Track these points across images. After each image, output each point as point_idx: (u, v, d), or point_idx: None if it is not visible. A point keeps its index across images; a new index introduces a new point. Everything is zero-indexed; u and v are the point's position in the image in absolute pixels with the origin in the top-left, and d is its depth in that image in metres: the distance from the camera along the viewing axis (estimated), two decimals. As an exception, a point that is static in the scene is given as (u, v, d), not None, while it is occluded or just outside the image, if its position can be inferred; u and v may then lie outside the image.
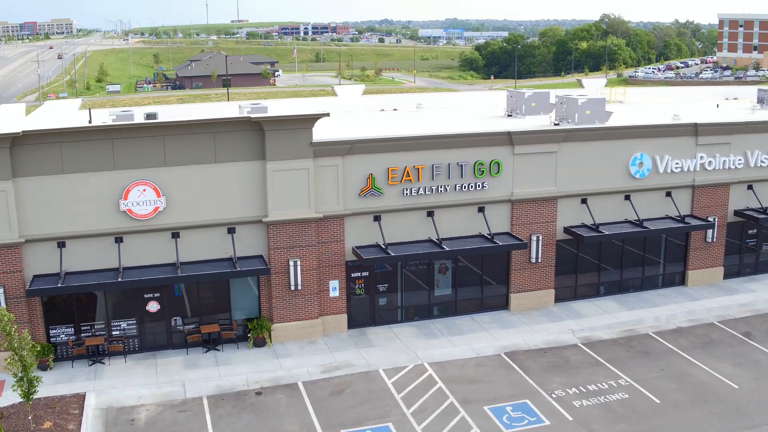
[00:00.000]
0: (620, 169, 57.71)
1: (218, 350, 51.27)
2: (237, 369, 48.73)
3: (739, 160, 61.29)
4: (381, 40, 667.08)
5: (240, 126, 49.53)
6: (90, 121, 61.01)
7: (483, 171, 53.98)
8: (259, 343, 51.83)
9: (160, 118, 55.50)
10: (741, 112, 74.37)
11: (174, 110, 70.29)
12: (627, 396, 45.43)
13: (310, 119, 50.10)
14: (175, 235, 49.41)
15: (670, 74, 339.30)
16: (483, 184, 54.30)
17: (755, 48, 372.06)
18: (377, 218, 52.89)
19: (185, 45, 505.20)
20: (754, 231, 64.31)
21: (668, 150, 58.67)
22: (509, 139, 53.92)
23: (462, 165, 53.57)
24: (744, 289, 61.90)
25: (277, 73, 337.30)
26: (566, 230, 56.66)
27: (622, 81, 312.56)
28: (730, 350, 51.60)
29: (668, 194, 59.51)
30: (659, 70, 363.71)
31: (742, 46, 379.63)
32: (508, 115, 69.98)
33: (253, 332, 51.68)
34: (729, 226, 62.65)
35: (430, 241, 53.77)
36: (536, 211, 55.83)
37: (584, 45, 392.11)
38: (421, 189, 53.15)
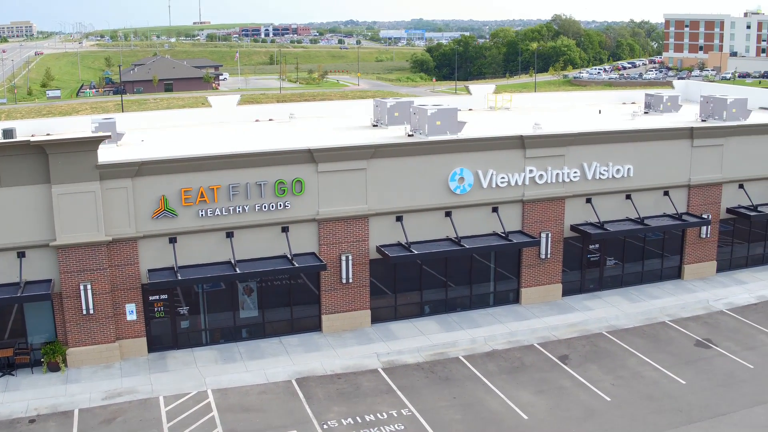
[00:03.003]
0: (439, 184, 55.51)
1: (13, 375, 49.18)
2: (22, 395, 46.61)
3: (575, 172, 58.94)
4: (341, 42, 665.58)
5: (22, 150, 47.48)
6: None
7: (284, 190, 51.68)
8: (54, 367, 49.66)
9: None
10: (620, 119, 73.81)
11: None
12: (402, 427, 43.46)
13: (93, 141, 48.19)
14: (-39, 260, 46.42)
15: (615, 75, 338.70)
16: (285, 203, 52.00)
17: (701, 48, 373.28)
18: (173, 240, 50.33)
19: (140, 48, 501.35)
20: (596, 246, 61.77)
21: (493, 164, 56.47)
22: (311, 156, 51.49)
23: (261, 184, 51.28)
24: (581, 307, 59.84)
25: (222, 77, 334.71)
26: (379, 249, 53.92)
27: (566, 82, 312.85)
28: (537, 376, 49.51)
29: (494, 210, 57.10)
30: (605, 71, 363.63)
31: (688, 47, 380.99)
32: (374, 125, 67.86)
33: (46, 357, 49.38)
34: (566, 241, 60.17)
35: (228, 263, 50.95)
36: (345, 230, 53.52)
37: (534, 46, 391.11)
38: (218, 210, 50.85)
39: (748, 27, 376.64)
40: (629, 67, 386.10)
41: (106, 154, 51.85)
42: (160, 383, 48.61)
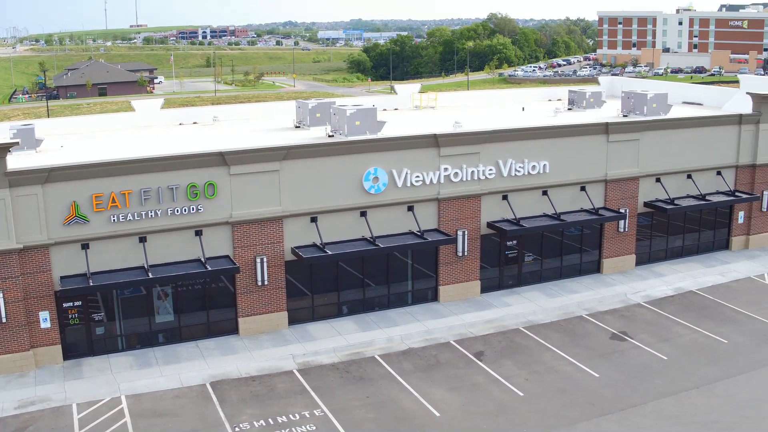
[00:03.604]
0: (353, 185, 55.55)
1: (-77, 387, 47.76)
2: (-68, 407, 45.01)
3: (490, 170, 59.22)
4: (279, 43, 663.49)
5: (-69, 157, 46.33)
6: None
7: (197, 193, 51.46)
8: (-33, 379, 48.31)
9: None
10: (543, 116, 74.37)
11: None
12: (314, 428, 43.46)
13: (2, 149, 46.90)
14: None
15: (549, 73, 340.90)
16: (198, 207, 51.80)
17: (634, 44, 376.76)
18: (85, 246, 49.88)
19: (75, 52, 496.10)
20: (514, 242, 62.10)
21: (407, 163, 56.58)
22: (223, 159, 51.28)
23: (173, 188, 51.03)
24: (500, 303, 60.16)
25: (157, 80, 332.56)
26: (293, 251, 53.84)
27: (502, 80, 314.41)
28: (452, 373, 49.73)
29: (410, 209, 57.20)
30: (539, 68, 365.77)
31: (622, 43, 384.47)
32: (296, 127, 67.70)
33: (-41, 368, 48.11)
34: (483, 238, 60.53)
35: (141, 268, 50.60)
36: (260, 232, 53.40)
37: (470, 44, 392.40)
38: (130, 215, 50.43)
39: (680, 23, 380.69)
40: (564, 65, 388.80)
41: (21, 161, 51.45)
42: (74, 390, 48.07)
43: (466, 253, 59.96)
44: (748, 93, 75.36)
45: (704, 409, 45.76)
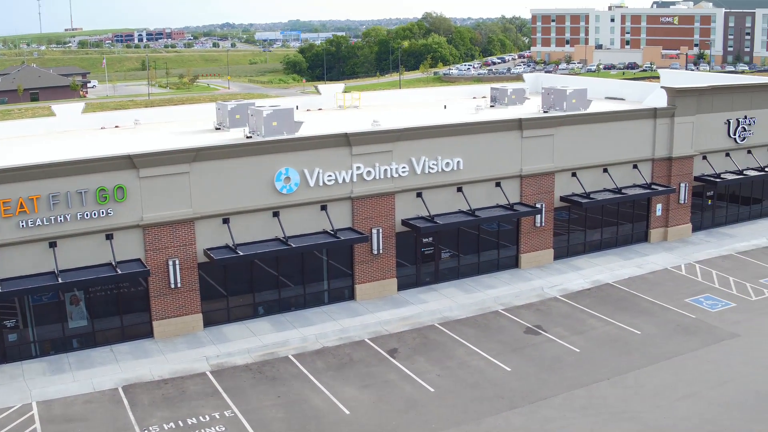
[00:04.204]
0: (265, 185, 55.53)
1: None
2: None
3: (404, 167, 59.41)
4: (216, 45, 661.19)
5: None
6: None
7: (106, 197, 51.23)
8: None
9: None
10: (464, 113, 74.85)
11: None
12: (223, 429, 43.46)
13: None
14: None
15: (483, 71, 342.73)
16: (108, 210, 51.54)
17: (568, 42, 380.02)
18: (-7, 252, 49.18)
19: (7, 57, 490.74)
20: (430, 239, 62.42)
21: (319, 162, 56.65)
22: (131, 162, 51.06)
23: (83, 192, 50.70)
24: (416, 300, 60.38)
25: (90, 85, 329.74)
26: (206, 252, 53.72)
27: (436, 79, 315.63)
28: (365, 371, 49.91)
29: (323, 208, 57.26)
30: (474, 67, 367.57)
31: (555, 41, 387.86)
32: (217, 128, 67.42)
33: None
34: (399, 236, 60.79)
35: (52, 273, 50.25)
36: (171, 235, 53.26)
37: (406, 44, 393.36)
38: (39, 220, 49.92)
39: (612, 20, 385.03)
40: (498, 63, 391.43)
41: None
42: (-16, 398, 46.87)
43: (381, 251, 60.14)
44: (662, 87, 76.42)
45: (614, 399, 46.28)
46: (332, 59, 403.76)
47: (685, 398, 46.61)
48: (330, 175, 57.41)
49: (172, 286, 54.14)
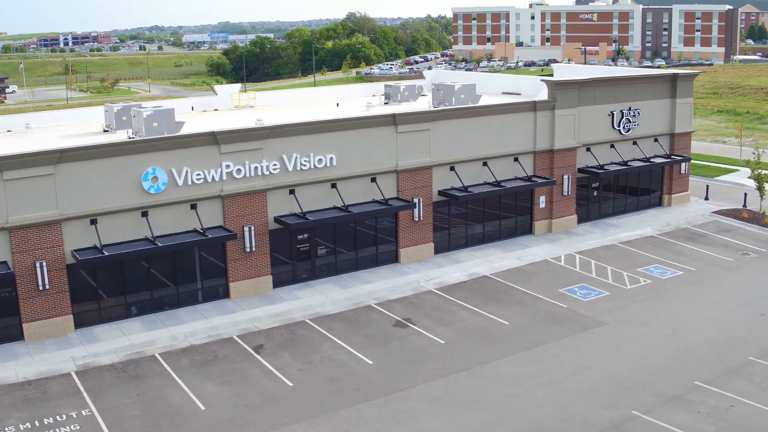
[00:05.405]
0: (133, 185, 55.63)
1: None
2: None
3: (275, 165, 59.77)
4: (142, 48, 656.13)
5: None
6: None
7: (-29, 200, 50.62)
8: None
9: None
10: (355, 111, 75.38)
11: None
12: (78, 427, 43.57)
13: None
14: None
15: (405, 70, 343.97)
16: (-28, 214, 50.94)
17: (488, 40, 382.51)
18: None
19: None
20: (305, 236, 62.82)
21: (187, 162, 56.84)
22: (-7, 164, 50.85)
23: (-58, 195, 50.02)
24: (291, 297, 60.81)
25: (9, 90, 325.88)
26: (73, 254, 53.74)
27: (359, 78, 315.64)
28: (228, 367, 50.24)
29: (193, 207, 57.43)
30: (396, 66, 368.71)
31: (477, 39, 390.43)
32: (105, 130, 67.39)
33: None
34: (273, 233, 61.19)
35: None
36: (38, 237, 53.30)
37: (330, 44, 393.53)
38: None
39: (533, 18, 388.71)
40: (421, 62, 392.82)
41: None
42: None
43: (254, 249, 60.45)
44: (542, 80, 77.55)
45: (470, 389, 47.00)
46: (257, 60, 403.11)
47: (541, 386, 47.43)
48: (199, 174, 57.59)
49: (41, 288, 54.07)
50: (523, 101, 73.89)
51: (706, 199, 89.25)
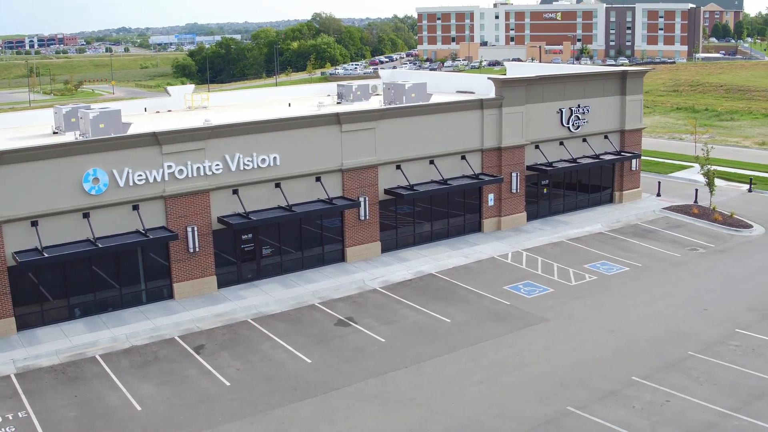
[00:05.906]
0: (74, 186, 55.55)
1: None
2: None
3: (217, 165, 59.86)
4: (108, 50, 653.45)
5: None
6: None
7: None
8: None
9: None
10: (305, 111, 75.28)
11: None
12: (13, 429, 43.46)
13: None
14: None
15: (369, 70, 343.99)
16: None
17: (453, 39, 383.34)
18: None
19: None
20: (250, 236, 62.96)
21: (128, 162, 56.88)
22: (-70, 167, 50.69)
23: None
24: (235, 297, 60.89)
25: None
26: (13, 256, 53.69)
27: (323, 79, 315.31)
28: (167, 368, 50.44)
29: (135, 208, 57.45)
30: (361, 66, 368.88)
31: (441, 38, 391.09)
32: (54, 132, 67.29)
33: None
34: (217, 233, 61.31)
35: None
36: (-24, 239, 52.79)
37: (295, 45, 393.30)
38: None
39: (497, 17, 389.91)
40: (386, 62, 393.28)
41: None
42: None
43: (197, 250, 60.55)
44: (489, 78, 77.91)
45: (406, 387, 47.23)
46: (222, 62, 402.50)
47: (478, 383, 47.70)
48: (140, 175, 57.63)
49: (-17, 291, 53.79)
50: (470, 99, 74.24)
51: (658, 195, 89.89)
